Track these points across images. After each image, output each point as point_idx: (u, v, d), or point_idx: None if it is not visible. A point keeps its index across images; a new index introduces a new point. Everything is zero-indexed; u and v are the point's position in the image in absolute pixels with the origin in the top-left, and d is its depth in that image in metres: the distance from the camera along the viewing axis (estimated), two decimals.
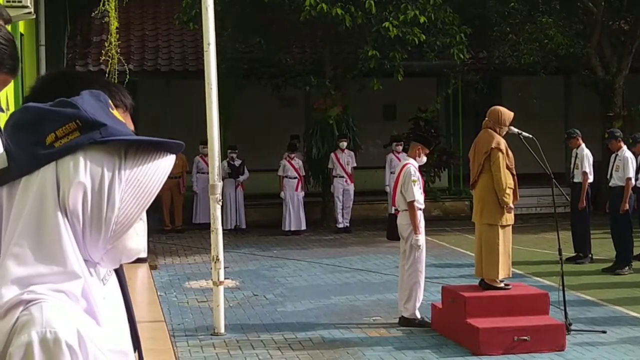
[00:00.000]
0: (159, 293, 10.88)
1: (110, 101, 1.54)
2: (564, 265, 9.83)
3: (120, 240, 1.51)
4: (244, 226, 17.54)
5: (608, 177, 12.98)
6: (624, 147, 12.92)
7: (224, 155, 17.73)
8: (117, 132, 1.48)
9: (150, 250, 13.93)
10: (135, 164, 1.49)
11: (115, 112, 1.54)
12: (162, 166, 1.52)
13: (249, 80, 18.38)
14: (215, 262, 9.12)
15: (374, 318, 9.89)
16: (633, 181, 12.62)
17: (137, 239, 1.55)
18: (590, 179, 13.28)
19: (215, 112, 9.11)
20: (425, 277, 10.10)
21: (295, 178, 17.31)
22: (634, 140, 13.25)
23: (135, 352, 1.65)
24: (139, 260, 10.96)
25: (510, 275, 9.12)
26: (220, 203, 9.16)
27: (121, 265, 1.64)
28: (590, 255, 13.45)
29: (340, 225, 17.41)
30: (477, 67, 19.23)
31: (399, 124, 20.09)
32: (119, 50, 13.16)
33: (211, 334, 9.13)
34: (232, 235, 16.89)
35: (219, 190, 9.10)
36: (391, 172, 16.54)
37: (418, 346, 8.63)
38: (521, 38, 18.17)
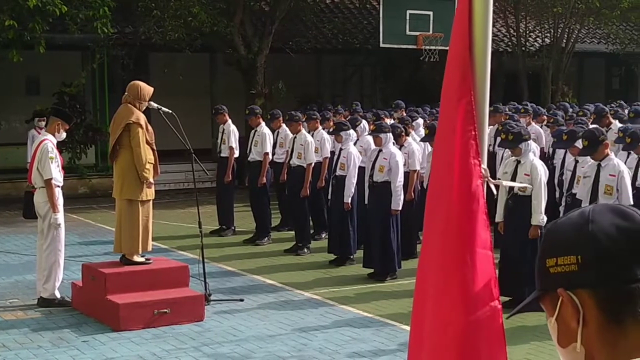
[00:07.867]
0: None
1: None
2: (208, 238, 10.13)
3: None
4: None
5: (247, 152, 13.51)
6: (263, 123, 13.50)
7: None
8: None
9: None
10: None
11: None
12: None
13: None
14: None
15: (10, 301, 9.45)
16: (270, 156, 13.25)
17: None
18: (237, 153, 13.74)
19: None
20: (68, 256, 9.86)
21: None
22: (272, 116, 13.87)
23: None
24: None
25: (151, 250, 9.19)
26: None
27: None
28: (233, 228, 13.94)
29: None
30: (123, 42, 18.97)
31: (43, 98, 19.24)
32: None
33: None
34: None
35: None
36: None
37: (57, 326, 8.40)
38: (166, 14, 18.19)
